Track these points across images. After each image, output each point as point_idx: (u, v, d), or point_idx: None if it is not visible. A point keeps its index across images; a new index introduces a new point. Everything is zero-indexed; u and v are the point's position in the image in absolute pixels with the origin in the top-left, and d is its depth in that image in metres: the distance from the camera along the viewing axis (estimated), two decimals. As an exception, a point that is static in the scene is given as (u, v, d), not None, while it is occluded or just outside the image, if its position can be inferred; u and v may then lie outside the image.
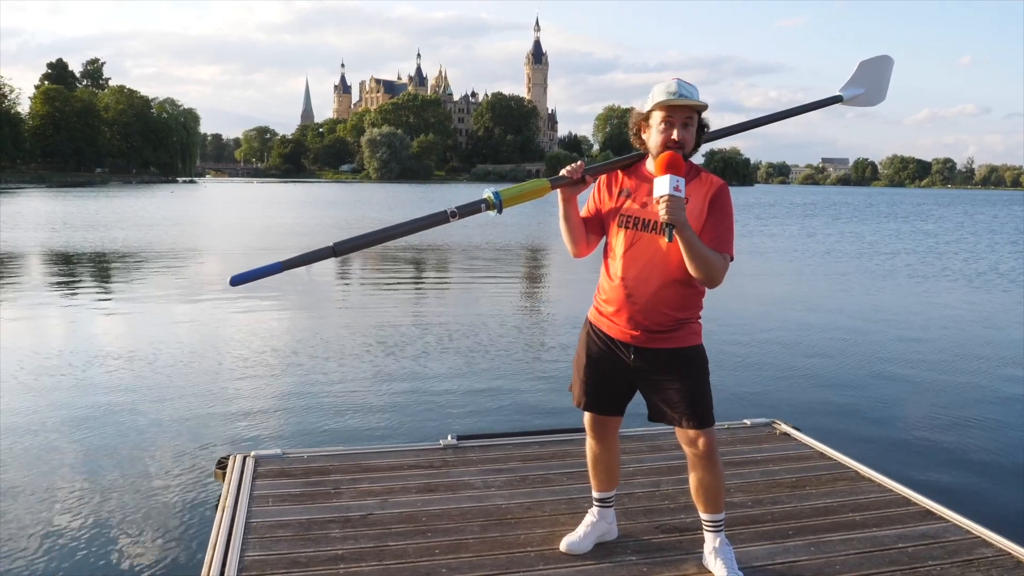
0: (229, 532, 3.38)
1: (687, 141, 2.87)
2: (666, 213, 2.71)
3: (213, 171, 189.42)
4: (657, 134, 2.88)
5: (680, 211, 2.72)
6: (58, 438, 6.14)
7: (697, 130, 2.92)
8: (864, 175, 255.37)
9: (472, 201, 2.94)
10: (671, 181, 2.72)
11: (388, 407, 7.06)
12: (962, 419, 7.06)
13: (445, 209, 2.90)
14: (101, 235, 25.15)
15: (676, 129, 2.85)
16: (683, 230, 2.74)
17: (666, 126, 2.86)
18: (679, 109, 2.84)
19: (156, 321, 11.27)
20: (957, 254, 24.53)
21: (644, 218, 2.92)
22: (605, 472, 3.32)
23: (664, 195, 2.72)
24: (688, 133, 2.87)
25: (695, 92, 2.86)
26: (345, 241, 2.82)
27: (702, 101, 2.85)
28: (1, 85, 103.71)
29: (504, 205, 2.94)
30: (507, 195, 2.96)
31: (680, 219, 2.72)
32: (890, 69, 3.62)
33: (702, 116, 2.92)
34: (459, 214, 2.91)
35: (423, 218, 2.93)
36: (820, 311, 13.05)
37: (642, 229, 2.93)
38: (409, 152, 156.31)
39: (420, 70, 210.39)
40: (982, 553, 3.30)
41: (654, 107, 2.88)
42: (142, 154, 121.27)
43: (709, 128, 2.98)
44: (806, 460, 4.45)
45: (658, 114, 2.88)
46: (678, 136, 2.84)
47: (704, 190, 2.91)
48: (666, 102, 2.83)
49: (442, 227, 3.01)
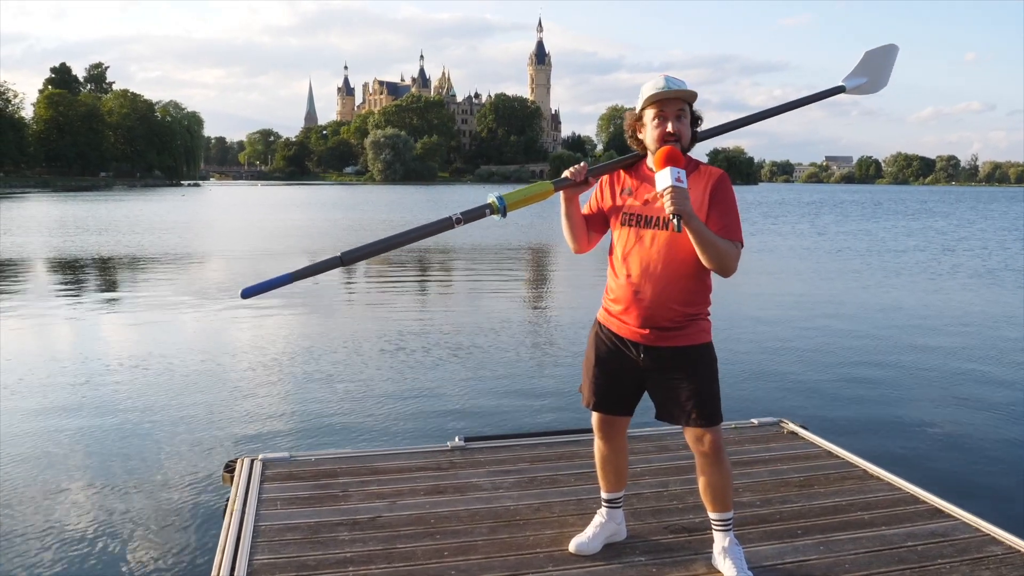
0: (238, 535, 3.38)
1: (682, 132, 2.90)
2: (671, 204, 2.73)
3: (217, 174, 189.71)
4: (652, 129, 2.93)
5: (685, 200, 2.74)
6: (67, 441, 6.16)
7: (693, 123, 2.96)
8: (868, 173, 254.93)
9: (476, 206, 2.96)
10: (672, 173, 2.75)
11: (396, 409, 7.06)
12: (971, 417, 7.05)
13: (450, 215, 2.92)
14: (117, 239, 25.18)
15: (670, 121, 2.89)
16: (691, 220, 2.76)
17: (659, 120, 2.91)
18: (670, 102, 2.89)
19: (166, 325, 11.29)
20: (970, 250, 24.49)
21: (647, 215, 2.94)
22: (614, 473, 3.32)
23: (667, 187, 2.74)
24: (682, 124, 2.91)
25: (683, 84, 2.90)
26: (352, 250, 2.86)
27: (691, 90, 2.89)
28: (5, 90, 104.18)
29: (508, 209, 2.96)
30: (511, 199, 2.98)
31: (687, 208, 2.74)
32: (894, 56, 3.62)
33: (694, 109, 2.96)
34: (464, 220, 2.93)
35: (428, 225, 2.96)
36: (829, 309, 13.02)
37: (645, 226, 2.95)
38: (413, 154, 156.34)
39: (423, 71, 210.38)
40: (992, 551, 3.29)
41: (645, 104, 2.92)
42: (146, 158, 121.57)
43: (702, 120, 3.01)
44: (814, 459, 4.44)
45: (650, 111, 2.93)
46: (673, 128, 2.88)
47: (704, 182, 2.93)
48: (656, 96, 2.88)
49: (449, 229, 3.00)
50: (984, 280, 17.08)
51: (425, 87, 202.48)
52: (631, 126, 3.02)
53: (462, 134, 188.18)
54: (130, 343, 9.99)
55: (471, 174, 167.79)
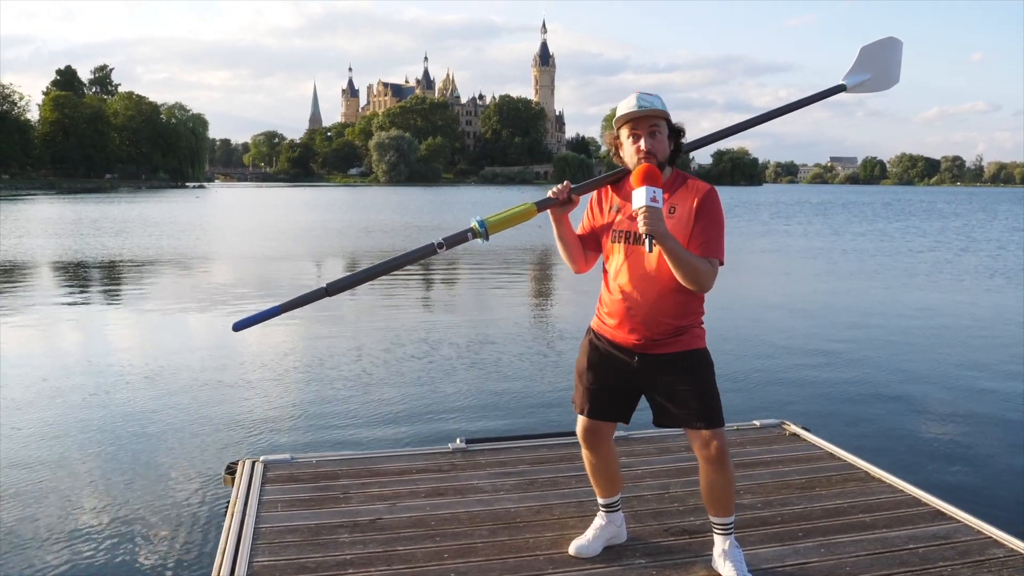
0: (238, 537, 3.38)
1: (657, 148, 2.91)
2: (644, 224, 2.73)
3: (222, 176, 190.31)
4: (627, 147, 2.95)
5: (658, 221, 2.74)
6: (68, 443, 6.17)
7: (675, 137, 2.97)
8: (873, 174, 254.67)
9: (459, 232, 2.98)
10: (647, 192, 2.75)
11: (397, 411, 7.07)
12: (974, 419, 7.02)
13: (432, 242, 2.95)
14: (136, 241, 25.27)
15: (643, 139, 2.90)
16: (663, 240, 2.76)
17: (633, 139, 2.93)
18: (642, 120, 2.91)
19: (174, 327, 11.32)
20: (982, 250, 24.41)
21: (635, 232, 2.94)
22: (605, 479, 3.32)
23: (641, 207, 2.74)
24: (656, 141, 2.91)
25: (656, 101, 2.91)
26: (337, 281, 2.93)
27: (662, 109, 2.90)
28: (11, 92, 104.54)
29: (490, 232, 2.96)
30: (492, 222, 2.98)
31: (659, 229, 2.74)
32: (899, 51, 3.53)
33: (674, 122, 2.96)
34: (446, 245, 2.95)
35: (411, 252, 3.01)
36: (835, 310, 12.99)
37: (634, 243, 2.96)
38: (417, 155, 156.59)
39: (427, 73, 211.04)
40: (993, 553, 3.27)
41: (619, 124, 2.96)
42: (151, 160, 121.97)
43: (684, 133, 3.01)
44: (816, 461, 4.43)
45: (624, 130, 2.97)
46: (646, 145, 2.89)
47: (691, 197, 2.93)
48: (626, 116, 2.91)
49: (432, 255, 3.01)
50: (996, 281, 17.00)
51: (429, 89, 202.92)
52: (612, 144, 3.05)
53: (466, 135, 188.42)
54: (136, 345, 10.02)
55: (475, 175, 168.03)
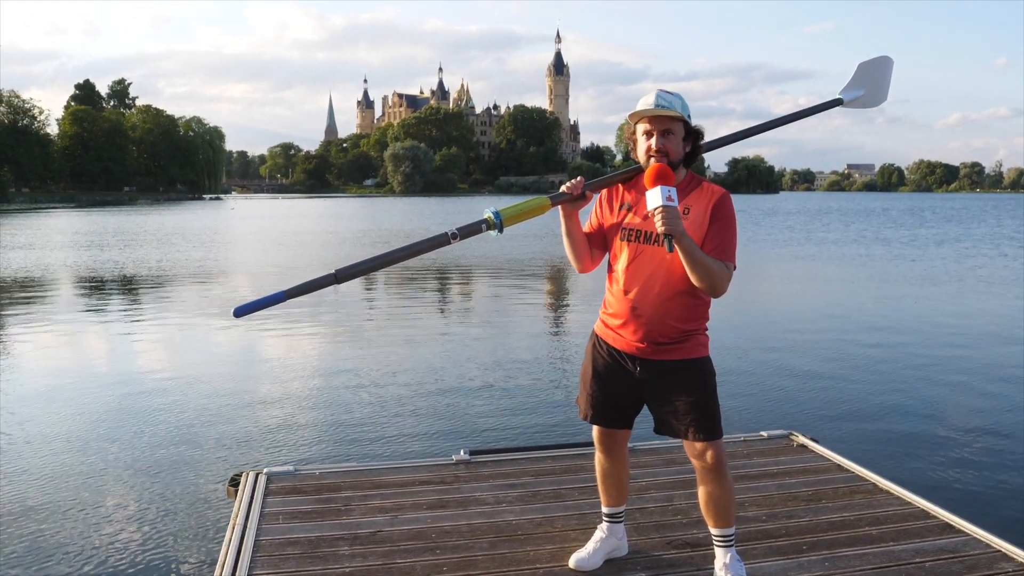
0: (238, 550, 3.37)
1: (669, 149, 2.86)
2: (662, 224, 2.70)
3: (239, 187, 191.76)
4: (640, 144, 2.91)
5: (676, 220, 2.71)
6: (72, 454, 6.20)
7: (694, 138, 2.92)
8: (890, 181, 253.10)
9: (473, 222, 2.93)
10: (663, 192, 2.72)
11: (401, 423, 7.05)
12: (984, 431, 6.92)
13: (446, 231, 2.89)
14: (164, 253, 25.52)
15: (656, 137, 2.86)
16: (682, 239, 2.73)
17: (646, 136, 2.89)
18: (657, 119, 2.86)
19: (180, 341, 11.38)
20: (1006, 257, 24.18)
21: (646, 231, 2.91)
22: (615, 486, 3.28)
23: (658, 207, 2.71)
24: (669, 141, 2.86)
25: (675, 101, 2.86)
26: (347, 267, 2.82)
27: (680, 111, 2.84)
28: (32, 107, 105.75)
29: (505, 224, 2.92)
30: (507, 214, 2.94)
31: (677, 228, 2.71)
32: (890, 70, 3.58)
33: (692, 124, 2.91)
34: (460, 236, 2.89)
35: (424, 241, 2.92)
36: (845, 321, 12.89)
37: (644, 242, 2.92)
38: (432, 165, 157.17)
39: (442, 84, 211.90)
40: (1002, 567, 3.21)
41: (635, 119, 2.91)
42: (169, 172, 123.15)
43: (704, 134, 2.97)
44: (823, 472, 4.37)
45: (639, 126, 2.92)
46: (657, 144, 2.85)
47: (706, 200, 2.90)
48: (641, 113, 2.87)
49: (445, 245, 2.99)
50: (1014, 290, 16.82)
51: (444, 99, 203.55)
52: (630, 139, 3.01)
53: (481, 145, 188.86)
54: (141, 358, 10.06)
55: (491, 185, 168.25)
